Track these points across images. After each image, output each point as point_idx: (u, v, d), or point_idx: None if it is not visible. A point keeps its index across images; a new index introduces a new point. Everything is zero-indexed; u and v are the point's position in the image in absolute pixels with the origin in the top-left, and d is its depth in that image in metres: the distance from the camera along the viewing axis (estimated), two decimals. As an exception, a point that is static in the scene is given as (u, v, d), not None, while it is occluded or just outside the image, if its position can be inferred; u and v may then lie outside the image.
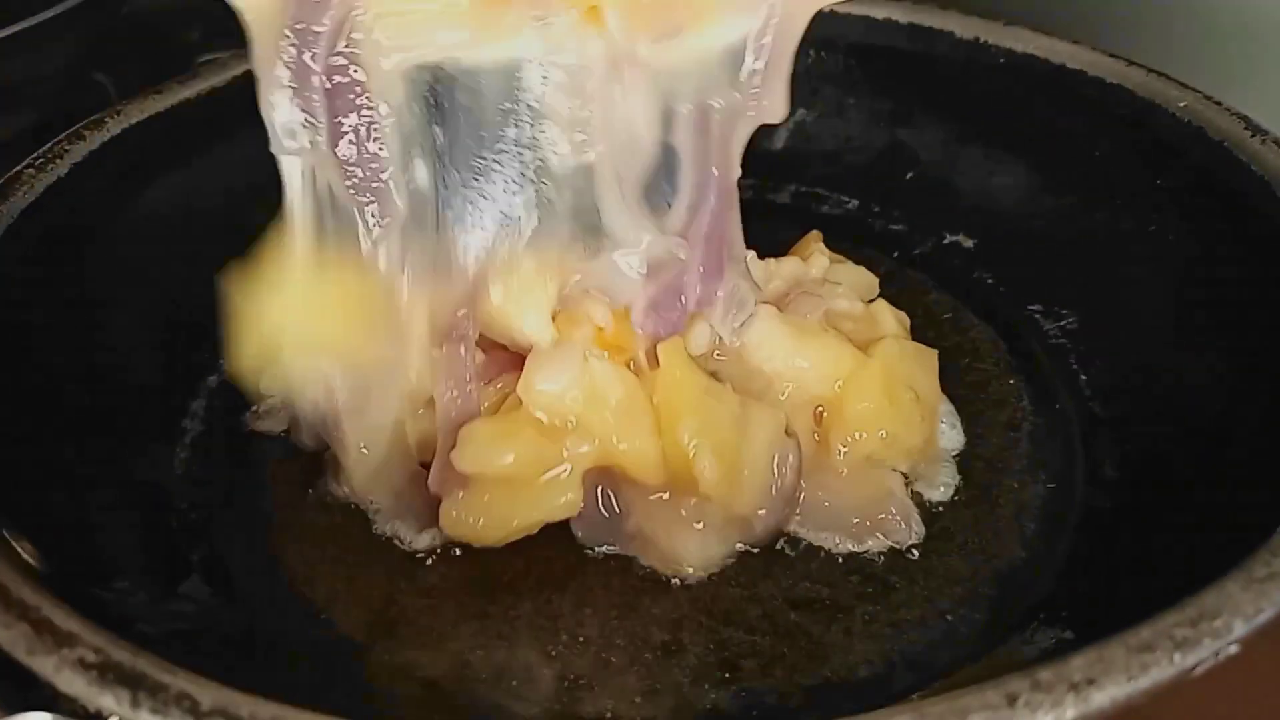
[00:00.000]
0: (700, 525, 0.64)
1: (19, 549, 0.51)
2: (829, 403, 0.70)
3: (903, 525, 0.67)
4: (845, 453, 0.69)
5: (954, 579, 0.64)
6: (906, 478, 0.70)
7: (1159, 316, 0.75)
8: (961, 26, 0.91)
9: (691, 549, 0.64)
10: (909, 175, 0.95)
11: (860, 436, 0.69)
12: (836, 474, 0.69)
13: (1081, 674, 0.40)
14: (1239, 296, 0.69)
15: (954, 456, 0.72)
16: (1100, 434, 0.73)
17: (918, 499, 0.69)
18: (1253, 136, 0.71)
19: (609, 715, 0.57)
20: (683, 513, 0.64)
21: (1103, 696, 0.40)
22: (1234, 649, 0.42)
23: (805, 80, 1.01)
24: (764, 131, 1.04)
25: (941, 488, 0.70)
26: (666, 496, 0.64)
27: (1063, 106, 0.85)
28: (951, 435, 0.74)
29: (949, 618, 0.62)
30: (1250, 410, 0.64)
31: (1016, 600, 0.63)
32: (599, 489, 0.65)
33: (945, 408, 0.75)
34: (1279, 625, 0.43)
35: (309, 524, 0.68)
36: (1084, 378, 0.78)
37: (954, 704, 0.39)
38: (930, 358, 0.75)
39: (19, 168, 0.70)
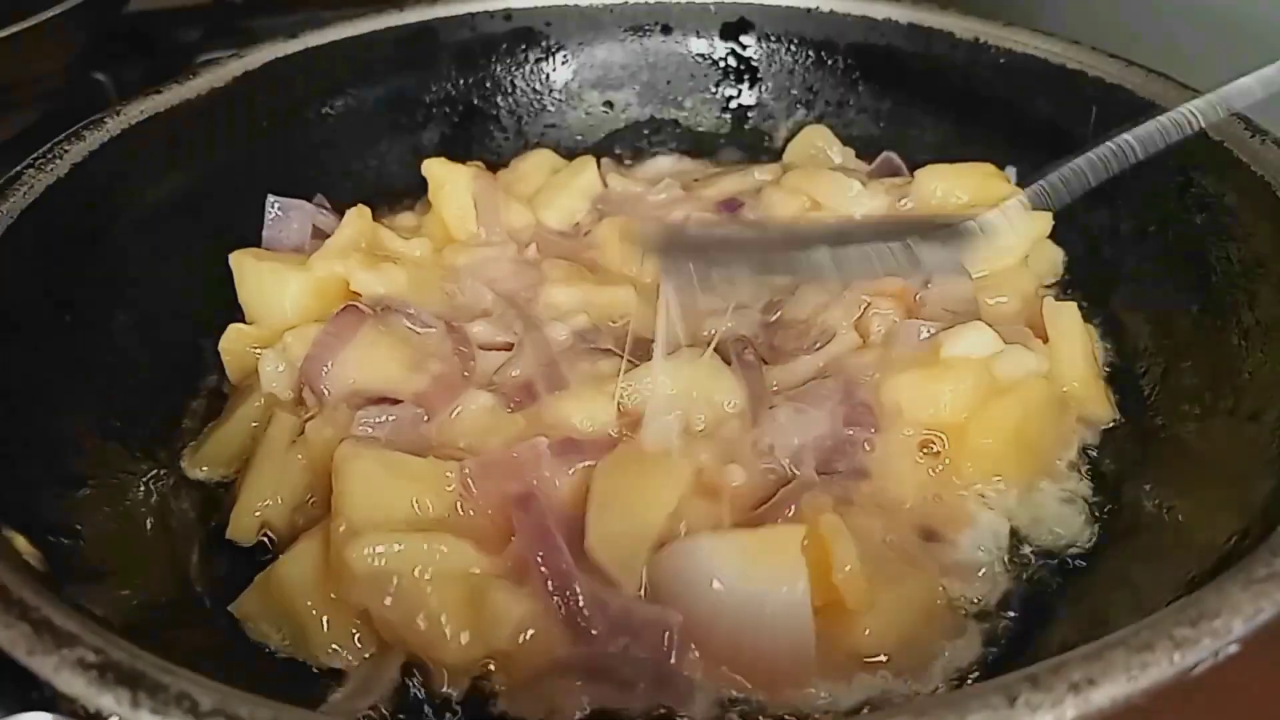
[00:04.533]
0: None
1: (19, 549, 0.51)
2: (950, 431, 0.68)
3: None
4: (958, 487, 0.66)
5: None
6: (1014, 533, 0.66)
7: (1158, 316, 0.76)
8: (961, 26, 0.91)
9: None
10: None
11: (969, 469, 0.67)
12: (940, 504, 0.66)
13: (1081, 674, 0.40)
14: (1238, 296, 0.69)
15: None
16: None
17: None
18: (1252, 137, 0.71)
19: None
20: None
21: (1102, 696, 0.40)
22: (1233, 649, 0.42)
23: (805, 80, 1.01)
24: (764, 131, 1.06)
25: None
26: None
27: (1063, 106, 0.85)
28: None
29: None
30: (1250, 409, 0.64)
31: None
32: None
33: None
34: (1278, 625, 0.43)
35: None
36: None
37: (954, 704, 0.39)
38: (1066, 400, 0.72)
39: (19, 168, 0.70)
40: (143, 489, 0.68)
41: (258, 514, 0.65)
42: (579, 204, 0.91)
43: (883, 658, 0.58)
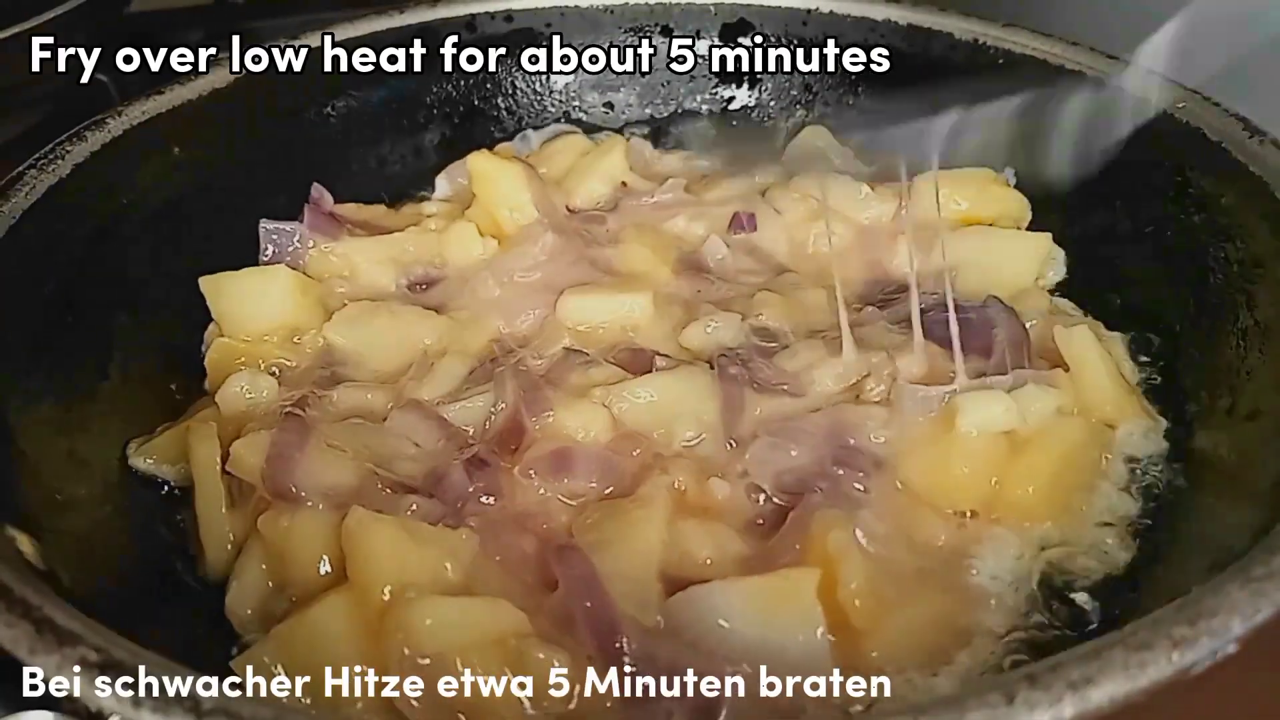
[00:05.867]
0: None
1: (20, 548, 0.51)
2: (979, 506, 0.64)
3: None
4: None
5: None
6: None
7: (1157, 316, 0.76)
8: (961, 28, 0.91)
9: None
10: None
11: (1001, 518, 0.63)
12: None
13: (1080, 673, 0.40)
14: (1237, 296, 0.69)
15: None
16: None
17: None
18: (1251, 137, 0.71)
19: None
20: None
21: (1101, 695, 0.40)
22: (1232, 648, 0.42)
23: (804, 81, 1.01)
24: (765, 131, 1.05)
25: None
26: None
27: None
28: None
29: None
30: (1248, 409, 0.64)
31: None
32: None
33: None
34: (1277, 625, 0.43)
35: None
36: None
37: (954, 703, 0.40)
38: (1099, 430, 0.68)
39: (21, 168, 0.70)
40: (144, 488, 0.68)
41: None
42: (603, 188, 0.93)
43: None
